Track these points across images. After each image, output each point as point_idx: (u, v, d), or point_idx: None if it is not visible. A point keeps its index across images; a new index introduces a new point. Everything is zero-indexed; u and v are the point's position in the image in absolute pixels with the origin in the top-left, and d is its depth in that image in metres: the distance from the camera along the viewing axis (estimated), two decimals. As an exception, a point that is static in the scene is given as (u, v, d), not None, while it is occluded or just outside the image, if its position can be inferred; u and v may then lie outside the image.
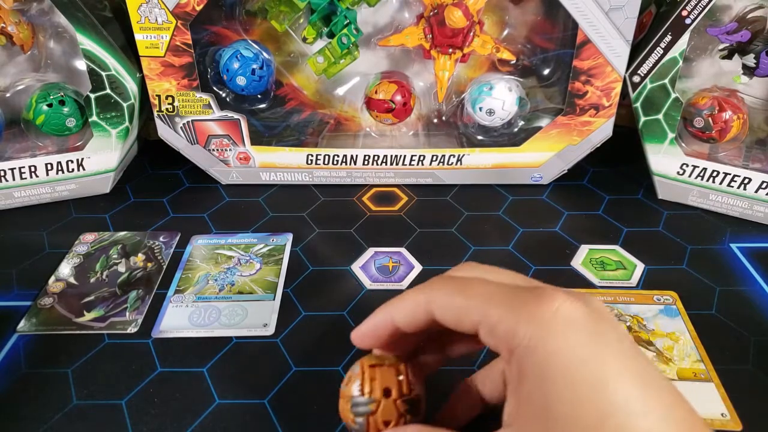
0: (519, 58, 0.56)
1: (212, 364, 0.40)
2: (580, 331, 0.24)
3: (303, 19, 0.54)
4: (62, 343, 0.42)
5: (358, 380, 0.31)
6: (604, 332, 0.24)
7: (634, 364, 0.24)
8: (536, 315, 0.25)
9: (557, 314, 0.24)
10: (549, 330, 0.24)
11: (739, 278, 0.47)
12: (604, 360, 0.23)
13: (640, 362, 0.24)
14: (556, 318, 0.24)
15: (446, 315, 0.28)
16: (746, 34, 0.50)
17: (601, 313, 0.26)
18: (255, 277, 0.48)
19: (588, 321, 0.24)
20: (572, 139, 0.56)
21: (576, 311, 0.25)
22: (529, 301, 0.25)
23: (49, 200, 0.57)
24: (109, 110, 0.55)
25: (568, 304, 0.25)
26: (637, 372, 0.23)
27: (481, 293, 0.27)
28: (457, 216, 0.55)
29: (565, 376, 0.23)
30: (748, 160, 0.54)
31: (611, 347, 0.24)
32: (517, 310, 0.26)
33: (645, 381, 0.23)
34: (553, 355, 0.24)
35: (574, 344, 0.24)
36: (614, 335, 0.25)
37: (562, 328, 0.24)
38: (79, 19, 0.51)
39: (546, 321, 0.24)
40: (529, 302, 0.25)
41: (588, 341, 0.24)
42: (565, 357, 0.24)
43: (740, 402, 0.37)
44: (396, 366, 0.31)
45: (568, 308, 0.25)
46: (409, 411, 0.30)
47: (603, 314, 0.26)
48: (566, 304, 0.25)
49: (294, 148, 0.58)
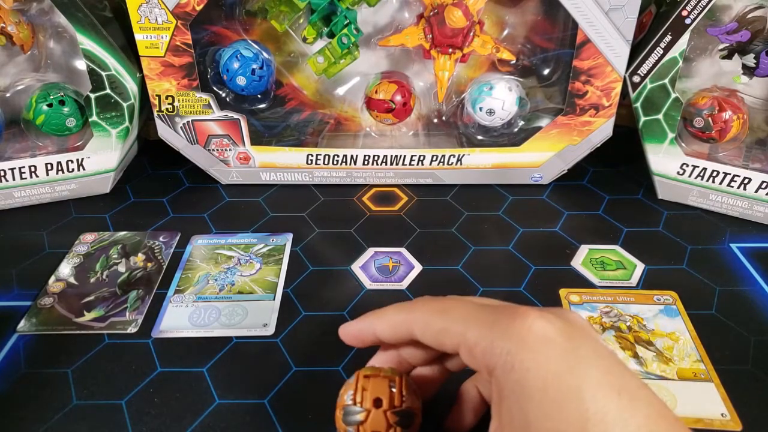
0: (519, 58, 0.56)
1: (212, 364, 0.40)
2: (554, 346, 0.25)
3: (303, 19, 0.54)
4: (62, 343, 0.42)
5: (351, 390, 0.31)
6: (579, 346, 0.25)
7: (611, 375, 0.24)
8: (510, 332, 0.25)
9: (531, 330, 0.25)
10: (523, 346, 0.25)
11: (739, 278, 0.47)
12: (580, 373, 0.24)
13: (618, 374, 0.24)
14: (530, 334, 0.25)
15: (426, 336, 0.29)
16: (746, 34, 0.50)
17: (577, 326, 0.26)
18: (255, 277, 0.48)
19: (562, 336, 0.25)
20: (572, 139, 0.56)
21: (549, 327, 0.25)
22: (503, 320, 0.26)
23: (49, 200, 0.57)
24: (109, 110, 0.55)
25: (541, 321, 0.25)
26: (615, 383, 0.24)
27: (459, 315, 0.28)
28: (457, 216, 0.55)
29: (542, 391, 0.24)
30: (748, 160, 0.54)
31: (587, 360, 0.24)
32: (492, 329, 0.26)
33: (623, 392, 0.23)
34: (530, 372, 0.24)
35: (548, 359, 0.24)
36: (590, 348, 0.25)
37: (536, 344, 0.25)
38: (79, 19, 0.51)
39: (520, 338, 0.25)
40: (502, 321, 0.26)
41: (562, 355, 0.24)
42: (541, 372, 0.24)
43: (740, 402, 0.37)
44: (390, 378, 0.31)
45: (541, 324, 0.25)
46: (400, 423, 0.30)
47: (579, 328, 0.26)
48: (539, 321, 0.25)
49: (294, 148, 0.58)
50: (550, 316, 0.26)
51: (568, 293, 0.46)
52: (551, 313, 0.26)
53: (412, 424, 0.31)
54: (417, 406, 0.31)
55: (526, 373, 0.24)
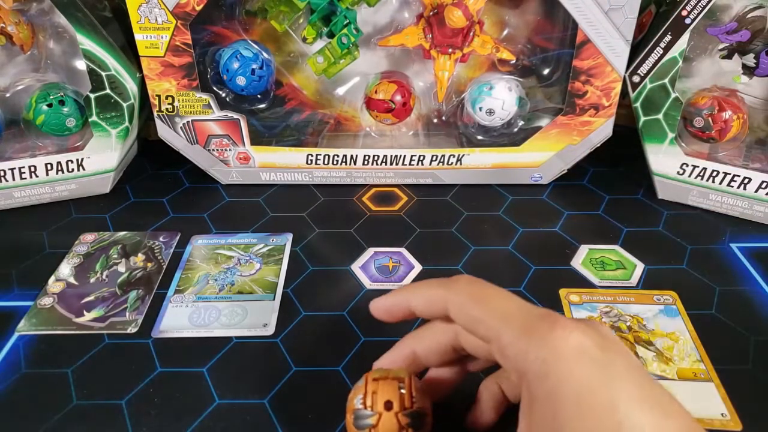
0: (519, 58, 0.56)
1: (212, 364, 0.40)
2: (590, 359, 0.25)
3: (303, 19, 0.54)
4: (62, 343, 0.42)
5: (360, 393, 0.31)
6: (614, 360, 0.25)
7: (644, 390, 0.24)
8: (548, 341, 0.25)
9: (568, 342, 0.25)
10: (560, 357, 0.25)
11: (739, 278, 0.47)
12: (615, 386, 0.24)
13: (650, 388, 0.24)
14: (567, 345, 0.25)
15: (460, 319, 0.29)
16: (746, 34, 0.50)
17: (612, 341, 0.26)
18: (255, 277, 0.48)
19: (598, 349, 0.25)
20: (572, 139, 0.56)
21: (585, 339, 0.25)
22: (541, 327, 0.26)
23: (49, 200, 0.57)
24: (109, 110, 0.55)
25: (579, 333, 0.25)
26: (648, 397, 0.24)
27: (498, 309, 0.28)
28: (456, 216, 0.55)
29: (576, 402, 0.24)
30: (748, 160, 0.54)
31: (621, 375, 0.24)
32: (529, 335, 0.26)
33: (656, 406, 0.24)
34: (564, 382, 0.24)
35: (584, 371, 0.24)
36: (624, 363, 0.25)
37: (573, 355, 0.25)
38: (79, 19, 0.51)
39: (557, 348, 0.25)
40: (540, 328, 0.26)
41: (598, 368, 0.24)
42: (576, 383, 0.24)
43: (740, 402, 0.37)
44: (399, 379, 0.31)
45: (579, 337, 0.25)
46: (411, 424, 0.30)
47: (613, 342, 0.26)
48: (576, 333, 0.25)
49: (294, 148, 0.58)
50: (586, 328, 0.26)
51: (568, 293, 0.46)
52: (587, 326, 0.26)
53: (423, 425, 0.31)
54: (427, 406, 0.31)
55: (561, 383, 0.24)
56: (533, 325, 0.26)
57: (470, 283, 0.30)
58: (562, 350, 0.25)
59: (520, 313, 0.27)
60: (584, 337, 0.25)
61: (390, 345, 0.41)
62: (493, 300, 0.29)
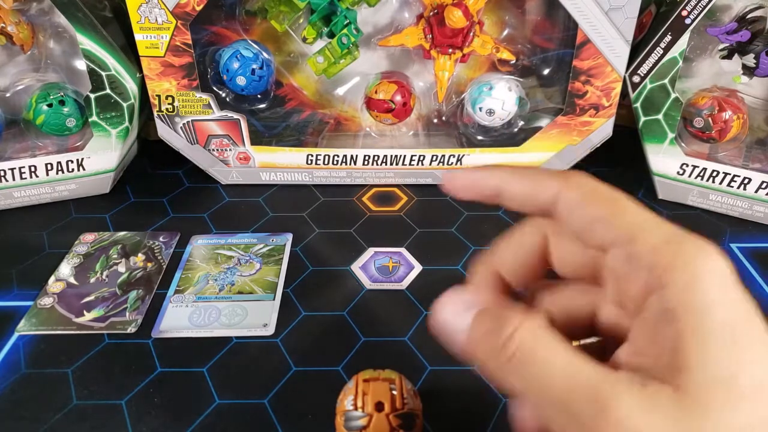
0: (519, 58, 0.56)
1: (212, 364, 0.40)
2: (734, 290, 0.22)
3: (303, 19, 0.54)
4: (62, 343, 0.42)
5: (351, 395, 0.31)
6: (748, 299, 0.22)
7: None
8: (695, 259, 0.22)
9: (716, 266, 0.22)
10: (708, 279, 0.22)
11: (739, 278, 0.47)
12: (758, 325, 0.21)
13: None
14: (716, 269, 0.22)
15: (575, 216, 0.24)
16: (746, 34, 0.50)
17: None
18: (255, 277, 0.48)
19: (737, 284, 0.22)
20: (572, 139, 0.56)
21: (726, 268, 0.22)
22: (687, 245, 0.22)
23: (49, 200, 0.57)
24: (109, 110, 0.55)
25: (724, 261, 0.22)
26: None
27: (631, 214, 0.24)
28: (456, 216, 0.55)
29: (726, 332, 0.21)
30: (748, 160, 0.54)
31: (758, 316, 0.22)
32: (673, 249, 0.22)
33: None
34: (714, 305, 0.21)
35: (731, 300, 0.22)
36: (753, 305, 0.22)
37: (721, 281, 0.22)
38: (79, 19, 0.51)
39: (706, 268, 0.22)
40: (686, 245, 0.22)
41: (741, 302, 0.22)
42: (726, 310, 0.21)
43: (740, 402, 0.37)
44: (390, 380, 0.31)
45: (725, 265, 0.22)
46: (402, 425, 0.30)
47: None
48: (723, 261, 0.22)
49: (294, 148, 0.58)
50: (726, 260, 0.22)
51: (568, 293, 0.45)
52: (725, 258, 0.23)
53: (414, 426, 0.31)
54: (418, 407, 0.31)
55: (712, 306, 0.21)
56: (676, 240, 0.23)
57: (591, 180, 0.25)
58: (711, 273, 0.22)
59: (657, 225, 0.23)
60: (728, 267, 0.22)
61: (390, 345, 0.42)
62: (624, 203, 0.24)
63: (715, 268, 0.22)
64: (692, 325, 0.21)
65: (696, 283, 0.21)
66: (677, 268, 0.22)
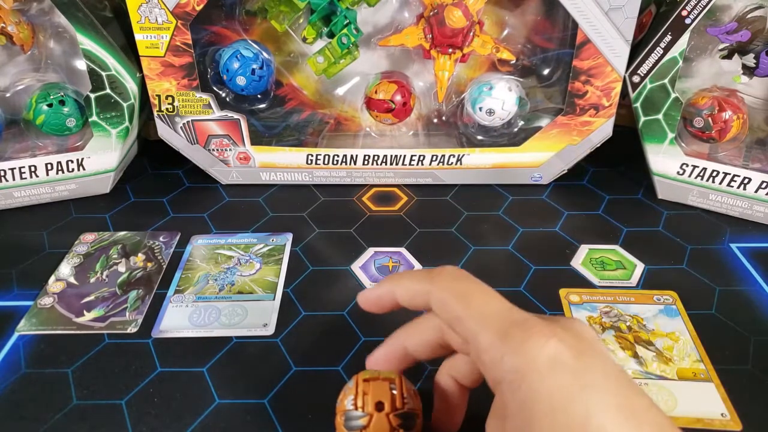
0: (519, 58, 0.56)
1: (212, 364, 0.40)
2: (565, 368, 0.24)
3: (303, 19, 0.54)
4: (62, 343, 0.42)
5: (351, 395, 0.31)
6: (591, 367, 0.24)
7: (620, 397, 0.24)
8: (523, 351, 0.25)
9: (543, 351, 0.24)
10: (533, 367, 0.24)
11: (739, 278, 0.47)
12: (589, 395, 0.23)
13: (626, 396, 0.24)
14: (542, 355, 0.24)
15: (441, 314, 0.29)
16: (746, 34, 0.50)
17: (589, 344, 0.26)
18: (255, 277, 0.48)
19: (574, 356, 0.24)
20: (572, 139, 0.56)
21: (562, 348, 0.25)
22: (517, 335, 0.25)
23: (49, 200, 0.57)
24: (109, 110, 0.55)
25: (555, 341, 0.25)
26: (624, 406, 0.23)
27: (478, 309, 0.27)
28: (456, 216, 0.55)
29: (549, 415, 0.23)
30: (748, 160, 0.54)
31: (597, 383, 0.24)
32: (504, 342, 0.26)
33: (631, 416, 0.23)
34: (537, 393, 0.24)
35: (558, 382, 0.24)
36: (601, 369, 0.24)
37: (547, 365, 0.24)
38: (79, 19, 0.51)
39: (532, 358, 0.24)
40: (517, 336, 0.25)
41: (573, 378, 0.24)
42: (549, 395, 0.24)
43: (740, 402, 0.37)
44: (390, 380, 0.31)
45: (555, 345, 0.25)
46: (403, 425, 0.30)
47: (591, 346, 0.26)
48: (552, 341, 0.25)
49: (294, 148, 0.58)
50: (564, 333, 0.25)
51: (568, 293, 0.46)
52: (564, 330, 0.25)
53: (414, 426, 0.31)
54: (418, 406, 0.31)
55: (534, 395, 0.24)
56: (510, 331, 0.26)
57: (454, 278, 0.30)
58: (536, 361, 0.24)
59: (499, 316, 0.27)
60: (560, 345, 0.25)
61: (390, 345, 0.42)
62: (474, 298, 0.28)
63: (542, 353, 0.24)
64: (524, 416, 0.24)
65: (523, 377, 0.24)
66: (507, 362, 0.25)
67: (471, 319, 0.27)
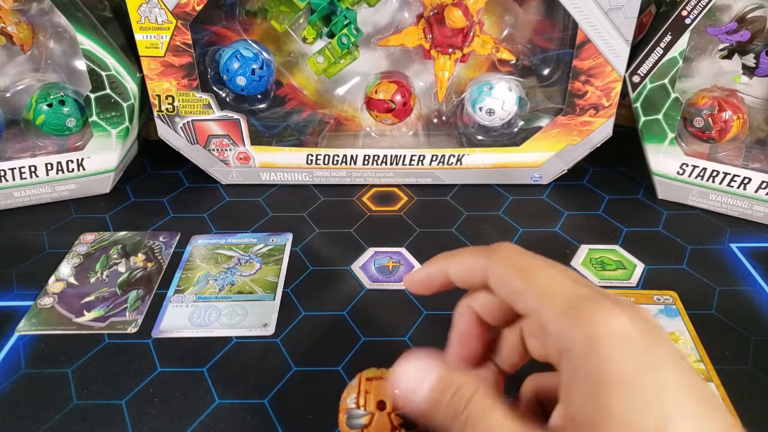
0: (519, 58, 0.56)
1: (212, 364, 0.40)
2: (635, 345, 0.24)
3: (303, 19, 0.54)
4: (62, 343, 0.42)
5: (354, 393, 0.31)
6: (659, 348, 0.24)
7: (689, 380, 0.24)
8: (592, 324, 0.25)
9: (613, 326, 0.24)
10: (606, 337, 0.24)
11: (739, 278, 0.47)
12: (661, 373, 0.23)
13: (695, 380, 0.24)
14: (613, 329, 0.24)
15: (501, 291, 0.28)
16: (746, 34, 0.50)
17: (656, 328, 0.25)
18: (255, 277, 0.48)
19: (643, 336, 0.24)
20: (572, 139, 0.56)
21: (631, 326, 0.25)
22: (586, 309, 0.25)
23: (49, 200, 0.57)
24: (109, 110, 0.55)
25: (625, 318, 0.25)
26: (694, 388, 0.23)
27: (541, 282, 0.27)
28: (457, 216, 0.55)
29: (623, 383, 0.23)
30: (748, 160, 0.54)
31: (667, 362, 0.24)
32: (572, 316, 0.25)
33: (701, 398, 0.23)
34: (610, 361, 0.24)
35: (631, 354, 0.24)
36: (669, 352, 0.24)
37: (619, 339, 0.24)
38: (79, 19, 0.51)
39: (602, 331, 0.24)
40: (585, 310, 0.25)
41: (644, 354, 0.24)
42: (623, 364, 0.23)
43: (740, 402, 0.37)
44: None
45: (624, 322, 0.25)
46: (404, 425, 0.30)
47: (656, 329, 0.25)
48: (622, 318, 0.25)
49: (294, 148, 0.58)
50: (632, 314, 0.25)
51: (568, 293, 0.45)
52: (633, 311, 0.25)
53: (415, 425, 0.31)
54: None
55: (608, 362, 0.23)
56: (578, 305, 0.25)
57: (513, 252, 0.29)
58: (608, 331, 0.24)
59: (564, 291, 0.26)
60: (630, 323, 0.24)
61: (390, 345, 0.42)
62: (536, 273, 0.27)
63: (613, 327, 0.24)
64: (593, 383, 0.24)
65: (592, 345, 0.24)
66: (576, 332, 0.25)
67: (535, 293, 0.27)
